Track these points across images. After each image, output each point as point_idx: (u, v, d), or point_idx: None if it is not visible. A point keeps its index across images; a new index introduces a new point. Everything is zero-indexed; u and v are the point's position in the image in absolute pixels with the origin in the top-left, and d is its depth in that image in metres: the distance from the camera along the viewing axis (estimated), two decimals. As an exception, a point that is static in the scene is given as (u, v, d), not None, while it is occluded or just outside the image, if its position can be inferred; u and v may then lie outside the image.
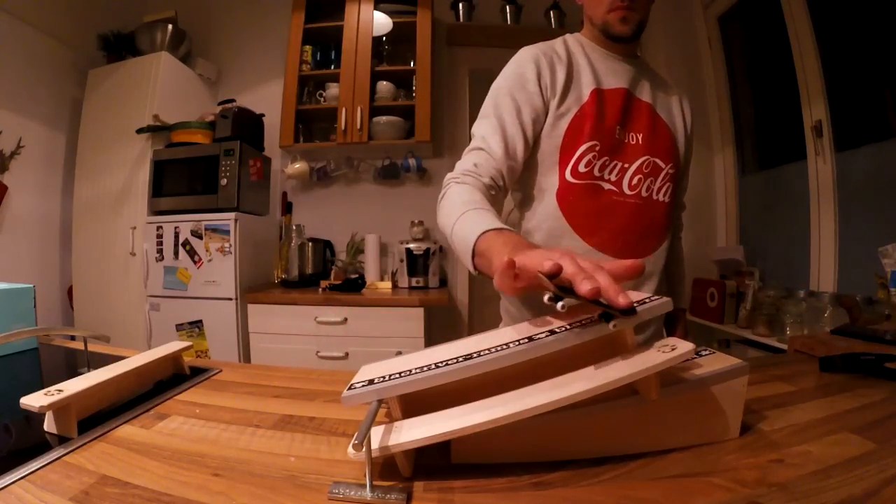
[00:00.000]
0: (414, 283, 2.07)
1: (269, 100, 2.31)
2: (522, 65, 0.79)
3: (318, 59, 2.32)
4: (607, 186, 0.78)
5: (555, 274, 0.38)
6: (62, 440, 0.43)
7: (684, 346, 0.37)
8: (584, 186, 0.77)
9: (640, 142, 0.79)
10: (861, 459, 0.35)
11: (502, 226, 0.57)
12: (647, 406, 0.38)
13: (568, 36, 0.85)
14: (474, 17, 2.31)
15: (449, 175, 0.74)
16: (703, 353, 0.44)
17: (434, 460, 0.38)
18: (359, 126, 2.12)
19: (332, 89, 2.22)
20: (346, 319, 1.82)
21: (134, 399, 0.53)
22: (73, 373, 0.56)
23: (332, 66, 2.27)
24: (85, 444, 0.42)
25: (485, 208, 0.63)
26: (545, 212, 0.80)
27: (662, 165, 0.80)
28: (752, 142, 2.05)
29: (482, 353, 0.39)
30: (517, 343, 0.39)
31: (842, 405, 0.47)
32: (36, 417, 0.45)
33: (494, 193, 0.73)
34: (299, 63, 2.20)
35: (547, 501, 0.33)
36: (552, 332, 0.39)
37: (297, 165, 2.33)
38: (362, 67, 2.14)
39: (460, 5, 2.28)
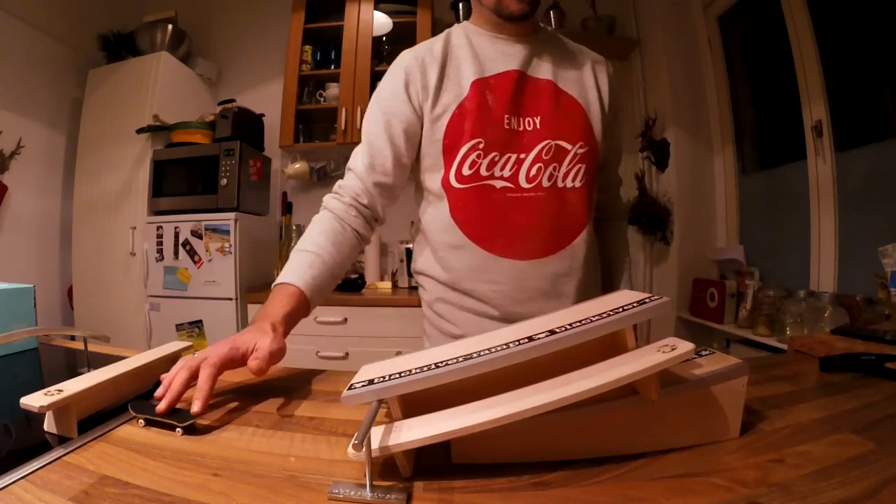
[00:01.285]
0: (414, 283, 2.06)
1: (269, 100, 2.31)
2: (392, 74, 0.77)
3: (318, 59, 2.32)
4: (500, 184, 0.72)
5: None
6: (62, 440, 0.43)
7: (684, 347, 0.37)
8: (472, 190, 0.72)
9: (539, 125, 0.73)
10: (861, 459, 0.35)
11: (286, 279, 0.66)
12: (648, 406, 0.38)
13: (455, 27, 0.80)
14: (474, 17, 2.31)
15: (325, 196, 0.78)
16: (703, 352, 0.44)
17: (434, 460, 0.38)
18: (359, 126, 2.12)
19: (332, 89, 2.22)
20: (345, 319, 1.82)
21: (134, 399, 0.53)
22: (73, 373, 0.56)
23: (332, 66, 2.28)
24: (85, 444, 0.42)
25: (305, 249, 0.70)
26: (439, 223, 0.76)
27: (569, 147, 0.73)
28: (752, 142, 2.05)
29: (482, 353, 0.39)
30: (517, 343, 0.39)
31: (842, 405, 0.47)
32: (36, 417, 0.45)
33: (354, 214, 0.75)
34: (299, 63, 2.21)
35: (547, 501, 0.33)
36: (552, 332, 0.39)
37: (297, 165, 2.33)
38: (362, 67, 2.14)
39: (460, 5, 2.28)
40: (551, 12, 2.26)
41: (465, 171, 0.72)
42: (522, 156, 0.72)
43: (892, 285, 1.07)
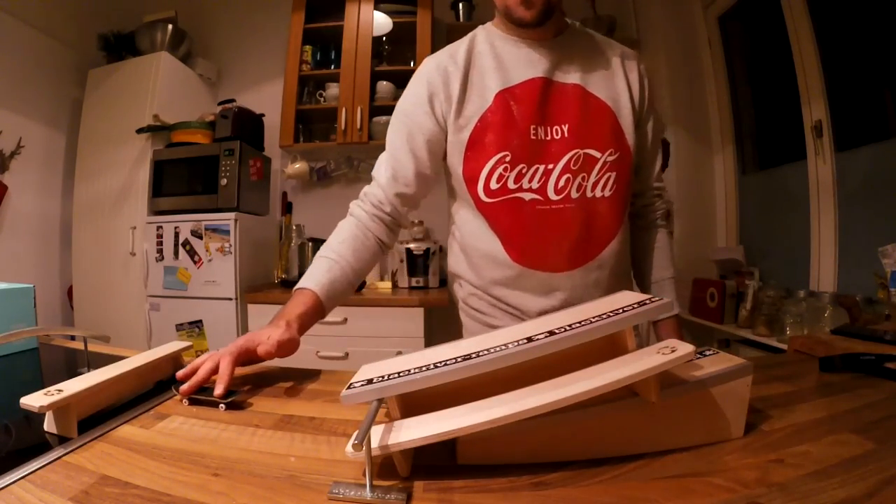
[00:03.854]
0: (414, 283, 2.07)
1: (269, 100, 2.31)
2: (416, 84, 0.76)
3: (318, 59, 2.32)
4: (529, 196, 0.71)
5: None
6: (62, 440, 0.43)
7: (684, 348, 0.37)
8: (502, 203, 0.71)
9: (567, 134, 0.71)
10: (861, 459, 0.35)
11: (304, 285, 0.69)
12: (648, 407, 0.38)
13: (479, 29, 0.78)
14: (474, 17, 2.31)
15: (352, 202, 0.80)
16: (707, 353, 0.44)
17: (434, 460, 0.38)
18: (359, 126, 2.12)
19: (332, 89, 2.22)
20: (345, 319, 1.82)
21: (134, 399, 0.53)
22: (73, 373, 0.56)
23: (332, 66, 2.27)
24: (85, 444, 0.42)
25: (325, 255, 0.73)
26: (474, 232, 0.76)
27: (598, 155, 0.71)
28: (752, 142, 2.05)
29: (482, 354, 0.39)
30: (517, 344, 0.39)
31: (842, 405, 0.47)
32: (36, 417, 0.45)
33: (377, 222, 0.77)
34: (299, 63, 2.20)
35: (547, 501, 0.33)
36: (552, 333, 0.39)
37: (297, 165, 2.33)
38: (362, 67, 2.14)
39: (460, 5, 2.28)
40: (551, 12, 2.26)
41: (493, 185, 0.71)
42: (550, 166, 0.71)
43: (892, 285, 1.07)
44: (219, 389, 0.52)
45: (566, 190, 0.71)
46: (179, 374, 0.56)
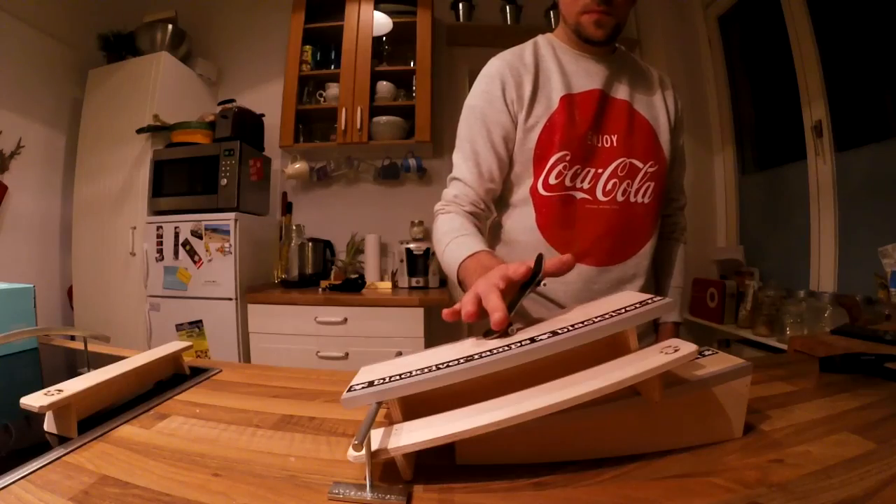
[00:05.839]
0: (414, 283, 2.07)
1: (269, 100, 2.31)
2: (488, 82, 0.78)
3: (318, 59, 2.32)
4: (580, 195, 0.77)
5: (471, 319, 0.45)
6: (62, 440, 0.43)
7: (688, 348, 0.37)
8: (556, 198, 0.76)
9: (616, 143, 0.77)
10: (861, 459, 0.35)
11: (476, 249, 0.66)
12: (650, 407, 0.38)
13: (540, 38, 0.83)
14: (474, 17, 2.31)
15: (437, 205, 0.80)
16: (706, 353, 0.44)
17: (434, 461, 0.38)
18: (359, 126, 2.12)
19: (332, 89, 2.22)
20: (346, 319, 1.82)
21: (134, 399, 0.53)
22: (73, 373, 0.56)
23: (332, 66, 2.28)
24: (85, 444, 0.42)
25: (465, 233, 0.72)
26: (521, 225, 0.80)
27: (640, 165, 0.78)
28: (752, 142, 2.05)
29: (483, 355, 0.39)
30: (519, 345, 0.39)
31: (842, 405, 0.47)
32: (36, 417, 0.45)
33: (477, 218, 0.78)
34: (299, 63, 2.20)
35: (547, 502, 0.33)
36: (555, 334, 0.39)
37: (297, 165, 2.33)
38: (362, 67, 2.14)
39: (460, 5, 2.28)
40: (551, 12, 2.26)
41: (552, 181, 0.76)
42: (600, 171, 0.77)
43: (893, 285, 1.07)
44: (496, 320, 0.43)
45: (613, 193, 0.77)
46: (453, 314, 0.46)
